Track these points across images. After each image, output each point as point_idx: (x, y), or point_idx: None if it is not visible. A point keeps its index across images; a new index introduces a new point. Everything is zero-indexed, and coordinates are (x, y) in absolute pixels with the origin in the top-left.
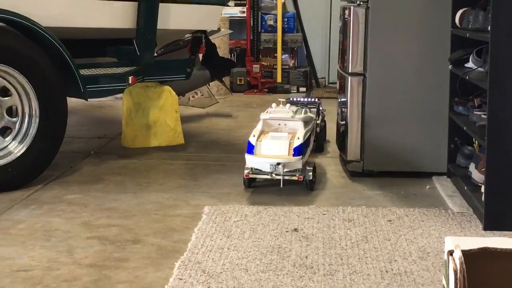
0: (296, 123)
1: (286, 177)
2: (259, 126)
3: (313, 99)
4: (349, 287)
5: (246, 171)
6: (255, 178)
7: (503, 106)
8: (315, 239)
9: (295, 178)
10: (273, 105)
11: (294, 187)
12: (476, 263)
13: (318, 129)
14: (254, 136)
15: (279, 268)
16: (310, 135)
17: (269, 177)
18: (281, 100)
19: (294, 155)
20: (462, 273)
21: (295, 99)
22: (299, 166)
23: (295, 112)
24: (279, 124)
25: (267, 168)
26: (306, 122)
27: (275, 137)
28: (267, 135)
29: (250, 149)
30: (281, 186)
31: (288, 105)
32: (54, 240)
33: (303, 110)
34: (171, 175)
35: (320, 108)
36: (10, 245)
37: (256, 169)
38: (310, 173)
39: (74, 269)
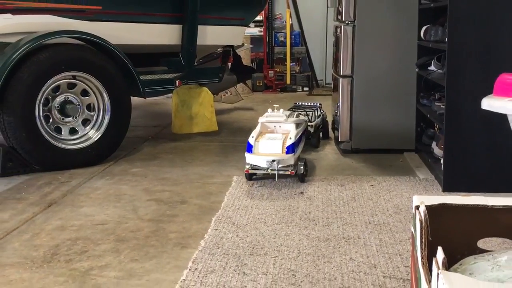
0: (289, 125)
1: (281, 172)
2: (257, 128)
3: (314, 103)
4: (342, 234)
5: (246, 167)
6: (255, 173)
7: (457, 99)
8: (316, 199)
9: (288, 172)
10: (269, 110)
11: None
12: (436, 215)
13: (312, 130)
14: (252, 137)
15: (289, 221)
16: (301, 135)
17: (266, 172)
18: (276, 105)
19: (287, 152)
20: (425, 222)
21: (300, 103)
22: (292, 162)
23: (288, 116)
24: (274, 126)
25: (264, 164)
26: (297, 124)
27: (270, 137)
28: (264, 136)
29: (249, 148)
30: (276, 179)
31: (281, 110)
32: (123, 202)
33: (295, 113)
34: (208, 153)
35: (322, 111)
36: (91, 206)
37: (255, 165)
38: (302, 167)
39: (138, 223)
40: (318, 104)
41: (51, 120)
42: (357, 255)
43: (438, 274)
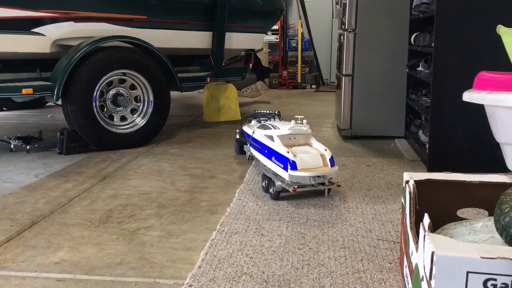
0: (305, 135)
1: (330, 187)
2: (278, 142)
3: (273, 111)
4: (343, 203)
5: (281, 185)
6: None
7: (440, 94)
8: None
9: (335, 186)
10: (292, 122)
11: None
12: (423, 188)
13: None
14: (288, 152)
15: (300, 193)
16: None
17: (314, 188)
18: (299, 116)
19: (331, 166)
20: (414, 194)
21: (258, 111)
22: (335, 174)
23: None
24: (289, 138)
25: (307, 181)
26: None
27: (304, 151)
28: (294, 150)
29: (291, 164)
30: (326, 195)
31: (305, 121)
32: (163, 176)
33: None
34: (233, 138)
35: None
36: (138, 179)
37: (297, 183)
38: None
39: (175, 193)
40: (276, 112)
41: (105, 109)
42: (356, 222)
43: (424, 235)
